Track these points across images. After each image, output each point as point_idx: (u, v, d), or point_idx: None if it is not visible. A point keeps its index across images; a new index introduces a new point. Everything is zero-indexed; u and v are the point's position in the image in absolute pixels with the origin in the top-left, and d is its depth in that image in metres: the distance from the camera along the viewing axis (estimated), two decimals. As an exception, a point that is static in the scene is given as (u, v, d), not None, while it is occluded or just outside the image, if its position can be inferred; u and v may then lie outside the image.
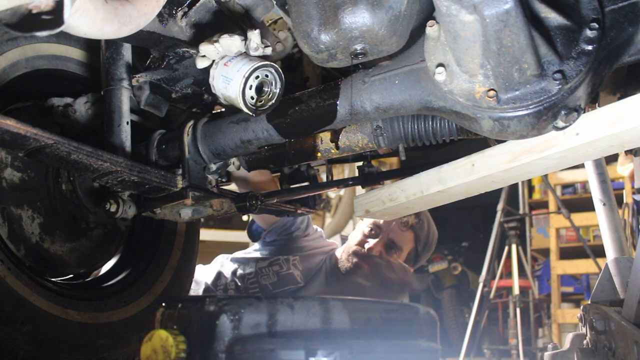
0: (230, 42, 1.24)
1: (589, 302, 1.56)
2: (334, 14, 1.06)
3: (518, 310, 5.46)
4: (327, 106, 1.27)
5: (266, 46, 1.31)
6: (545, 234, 6.77)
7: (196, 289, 2.53)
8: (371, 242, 2.46)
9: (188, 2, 1.38)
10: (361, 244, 2.48)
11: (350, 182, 1.76)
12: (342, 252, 2.54)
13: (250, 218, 2.77)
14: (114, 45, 1.48)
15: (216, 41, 1.25)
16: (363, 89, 1.21)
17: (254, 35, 1.27)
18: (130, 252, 1.88)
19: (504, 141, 1.16)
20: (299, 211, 1.91)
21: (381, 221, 2.47)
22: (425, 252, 2.56)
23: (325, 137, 1.47)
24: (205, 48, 1.27)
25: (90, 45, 1.64)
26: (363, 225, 2.55)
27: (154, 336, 0.88)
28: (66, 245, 1.64)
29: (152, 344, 0.88)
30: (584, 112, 1.03)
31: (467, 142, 1.45)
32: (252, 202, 1.60)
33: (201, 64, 1.30)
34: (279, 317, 0.89)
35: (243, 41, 1.27)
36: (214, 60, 1.29)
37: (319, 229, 2.84)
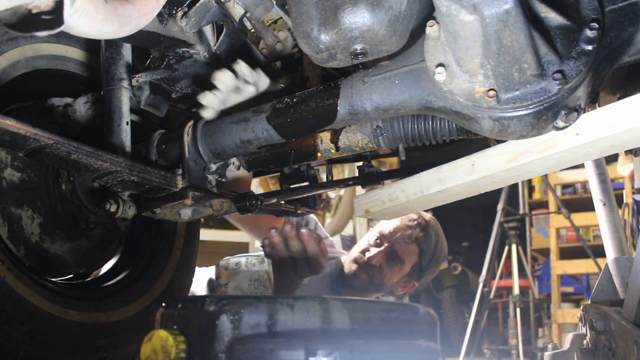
0: (225, 78, 1.31)
1: (589, 302, 1.56)
2: (334, 14, 1.06)
3: (518, 310, 5.47)
4: (327, 106, 1.27)
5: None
6: (545, 234, 6.78)
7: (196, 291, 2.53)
8: (372, 251, 2.42)
9: (188, 2, 1.38)
10: (363, 252, 2.46)
11: (350, 182, 1.76)
12: (347, 258, 2.53)
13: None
14: (114, 45, 1.48)
15: (214, 88, 1.32)
16: (363, 89, 1.21)
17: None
18: (130, 252, 1.88)
19: (504, 141, 1.16)
20: (299, 211, 1.91)
21: (387, 231, 2.44)
22: (431, 267, 2.50)
23: (325, 137, 1.47)
24: (206, 99, 1.33)
25: (90, 45, 1.64)
26: (370, 234, 2.53)
27: (154, 336, 0.88)
28: (66, 245, 1.64)
29: (152, 344, 0.88)
30: (584, 112, 1.03)
31: (467, 142, 1.45)
32: (252, 202, 1.60)
33: (208, 114, 1.37)
34: (279, 317, 0.89)
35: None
36: None
37: (330, 239, 2.84)
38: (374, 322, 0.98)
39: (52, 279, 1.64)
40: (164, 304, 0.96)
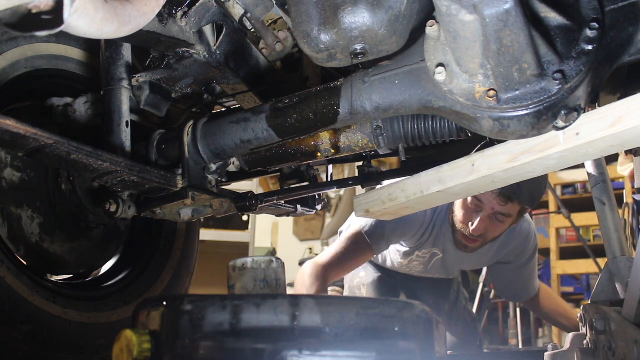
0: None
1: (589, 302, 1.56)
2: (334, 14, 1.06)
3: (518, 310, 5.46)
4: (327, 106, 1.27)
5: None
6: (545, 234, 6.76)
7: None
8: (475, 220, 2.46)
9: (188, 2, 1.38)
10: (466, 222, 2.50)
11: (350, 182, 1.76)
12: (455, 226, 2.58)
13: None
14: (113, 45, 1.48)
15: None
16: (363, 89, 1.21)
17: None
18: (130, 252, 1.88)
19: (504, 141, 1.16)
20: (298, 212, 1.91)
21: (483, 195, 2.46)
22: (535, 203, 2.57)
23: (325, 137, 1.47)
24: None
25: (90, 45, 1.64)
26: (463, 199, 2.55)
27: (122, 336, 0.88)
28: (66, 245, 1.64)
29: (119, 343, 0.88)
30: (584, 112, 1.03)
31: (467, 142, 1.45)
32: (252, 202, 1.60)
33: None
34: (244, 315, 0.87)
35: None
36: None
37: None
38: (349, 320, 0.94)
39: (52, 279, 1.64)
40: (138, 305, 0.96)
